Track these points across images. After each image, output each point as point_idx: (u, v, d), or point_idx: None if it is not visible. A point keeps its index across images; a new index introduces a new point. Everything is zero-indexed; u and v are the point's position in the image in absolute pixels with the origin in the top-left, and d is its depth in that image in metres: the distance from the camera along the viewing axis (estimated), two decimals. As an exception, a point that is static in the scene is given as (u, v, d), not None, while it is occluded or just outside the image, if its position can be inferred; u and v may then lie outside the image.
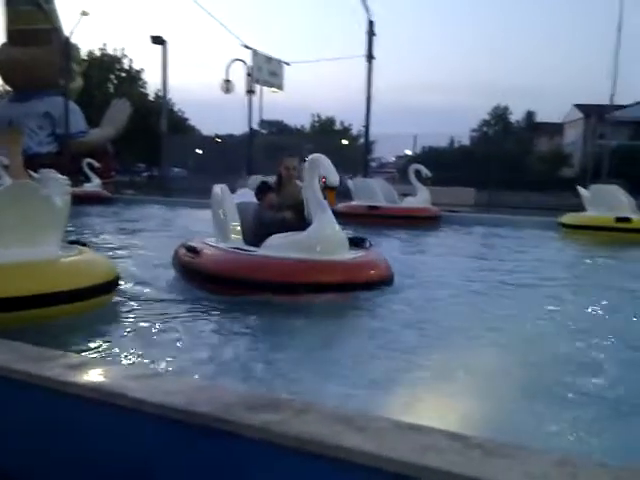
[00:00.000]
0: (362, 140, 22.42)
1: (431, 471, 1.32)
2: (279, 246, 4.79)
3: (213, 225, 5.68)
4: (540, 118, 46.41)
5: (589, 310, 4.77)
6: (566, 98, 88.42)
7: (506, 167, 22.50)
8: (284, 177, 5.53)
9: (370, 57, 17.67)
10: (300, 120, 51.83)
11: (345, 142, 34.65)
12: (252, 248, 5.00)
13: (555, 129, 43.96)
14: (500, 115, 45.21)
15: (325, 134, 41.42)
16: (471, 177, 20.03)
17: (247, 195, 6.06)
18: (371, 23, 17.57)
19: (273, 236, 4.91)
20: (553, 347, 3.67)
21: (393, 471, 1.35)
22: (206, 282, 4.86)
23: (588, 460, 1.44)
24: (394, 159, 41.16)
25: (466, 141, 36.78)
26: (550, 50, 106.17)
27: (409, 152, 29.05)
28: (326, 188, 4.90)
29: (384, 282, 4.88)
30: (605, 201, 10.18)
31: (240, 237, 5.27)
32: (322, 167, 4.76)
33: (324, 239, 4.77)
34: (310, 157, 4.97)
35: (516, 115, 45.79)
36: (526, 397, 2.82)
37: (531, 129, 44.16)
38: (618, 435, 2.50)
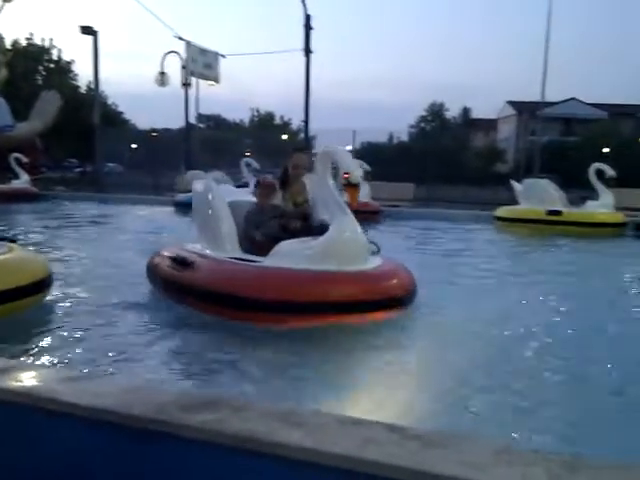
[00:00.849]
0: (302, 135, 22.42)
1: (370, 464, 1.31)
2: (293, 256, 3.90)
3: (197, 230, 4.84)
4: (475, 114, 47.72)
5: (519, 296, 5.02)
6: (500, 94, 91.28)
7: (443, 162, 23.03)
8: (291, 175, 4.81)
9: (308, 51, 17.68)
10: (239, 114, 51.36)
11: (285, 137, 34.51)
12: (257, 258, 4.14)
13: (490, 125, 45.26)
14: (437, 111, 46.17)
15: (264, 129, 41.15)
16: (410, 172, 20.38)
17: (230, 191, 5.34)
18: (308, 17, 17.57)
19: (283, 243, 4.06)
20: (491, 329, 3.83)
21: (334, 465, 1.34)
22: (206, 302, 3.98)
23: (524, 448, 1.47)
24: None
25: (405, 137, 37.39)
26: (484, 47, 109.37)
27: (349, 147, 29.25)
28: (348, 185, 4.09)
29: (411, 297, 4.09)
30: (537, 195, 10.56)
31: (235, 244, 4.42)
32: (340, 160, 4.04)
33: (347, 246, 3.92)
34: (323, 148, 4.28)
35: (452, 111, 46.86)
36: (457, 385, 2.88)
37: (467, 125, 45.29)
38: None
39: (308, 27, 17.59)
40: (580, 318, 4.38)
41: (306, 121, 18.75)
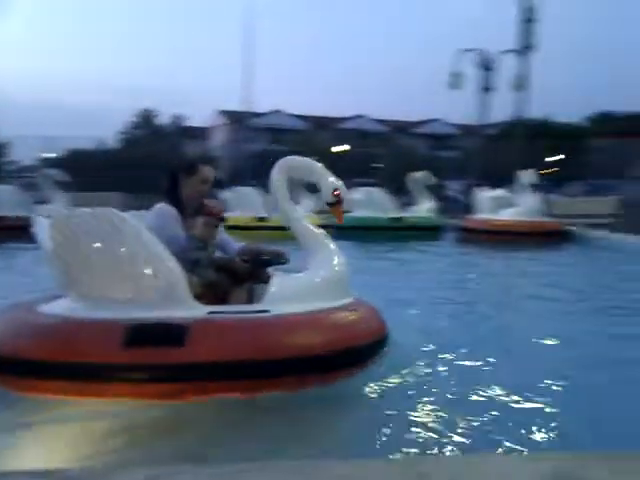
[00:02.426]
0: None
1: None
2: (298, 300, 3.08)
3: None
4: (189, 122, 47.79)
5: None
6: (213, 103, 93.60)
7: (157, 170, 22.34)
8: (193, 198, 3.40)
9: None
10: None
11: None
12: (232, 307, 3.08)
13: (203, 133, 45.85)
14: (147, 117, 44.87)
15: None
16: (120, 181, 19.23)
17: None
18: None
19: (275, 280, 3.15)
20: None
21: None
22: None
23: None
24: (35, 162, 37.10)
25: (114, 144, 35.42)
26: (196, 55, 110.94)
27: (50, 155, 26.48)
28: (334, 203, 3.37)
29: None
30: (245, 202, 10.75)
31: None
32: (321, 175, 3.37)
33: (343, 279, 3.34)
34: (284, 161, 3.41)
35: (164, 118, 46.11)
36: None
37: (180, 132, 45.07)
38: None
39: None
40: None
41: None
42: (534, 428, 2.48)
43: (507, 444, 2.33)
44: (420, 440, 2.37)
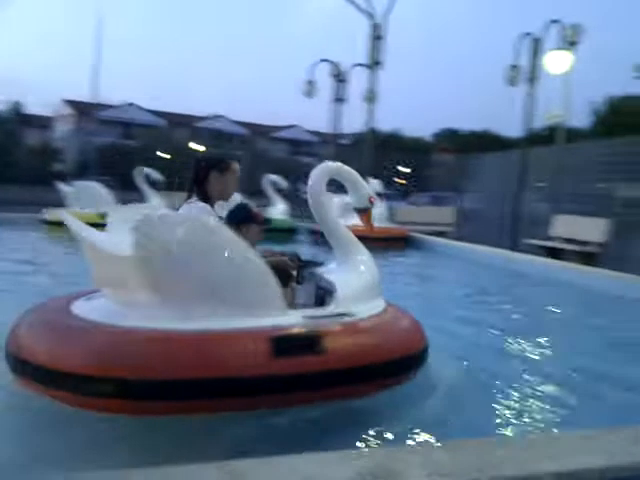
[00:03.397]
0: None
1: None
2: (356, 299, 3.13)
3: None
4: (30, 110, 44.12)
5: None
6: (56, 92, 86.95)
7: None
8: (227, 194, 3.47)
9: None
10: None
11: None
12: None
13: (46, 122, 42.58)
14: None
15: None
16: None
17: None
18: None
19: (339, 282, 3.18)
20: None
21: None
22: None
23: None
24: None
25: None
26: (40, 43, 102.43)
27: None
28: (364, 209, 3.62)
29: None
30: (87, 197, 10.13)
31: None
32: (358, 180, 3.55)
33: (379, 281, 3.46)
34: (323, 165, 3.52)
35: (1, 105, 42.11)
36: None
37: (20, 121, 41.48)
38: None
39: None
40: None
41: None
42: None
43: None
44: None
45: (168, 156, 26.52)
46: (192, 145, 29.95)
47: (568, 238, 10.70)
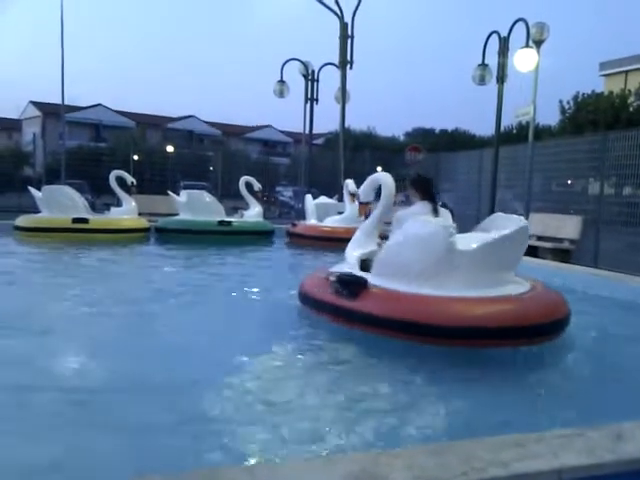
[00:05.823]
0: None
1: None
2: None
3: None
4: (-3, 113, 43.24)
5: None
6: (23, 93, 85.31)
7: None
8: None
9: None
10: None
11: None
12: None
13: (13, 125, 41.77)
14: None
15: None
16: None
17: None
18: None
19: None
20: None
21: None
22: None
23: None
24: None
25: None
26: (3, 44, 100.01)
27: None
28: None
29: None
30: (59, 202, 9.88)
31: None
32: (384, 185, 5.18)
33: None
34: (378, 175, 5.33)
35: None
36: None
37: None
38: None
39: None
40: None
41: None
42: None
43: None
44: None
45: (136, 157, 26.13)
46: (168, 148, 29.58)
47: (542, 236, 10.87)
